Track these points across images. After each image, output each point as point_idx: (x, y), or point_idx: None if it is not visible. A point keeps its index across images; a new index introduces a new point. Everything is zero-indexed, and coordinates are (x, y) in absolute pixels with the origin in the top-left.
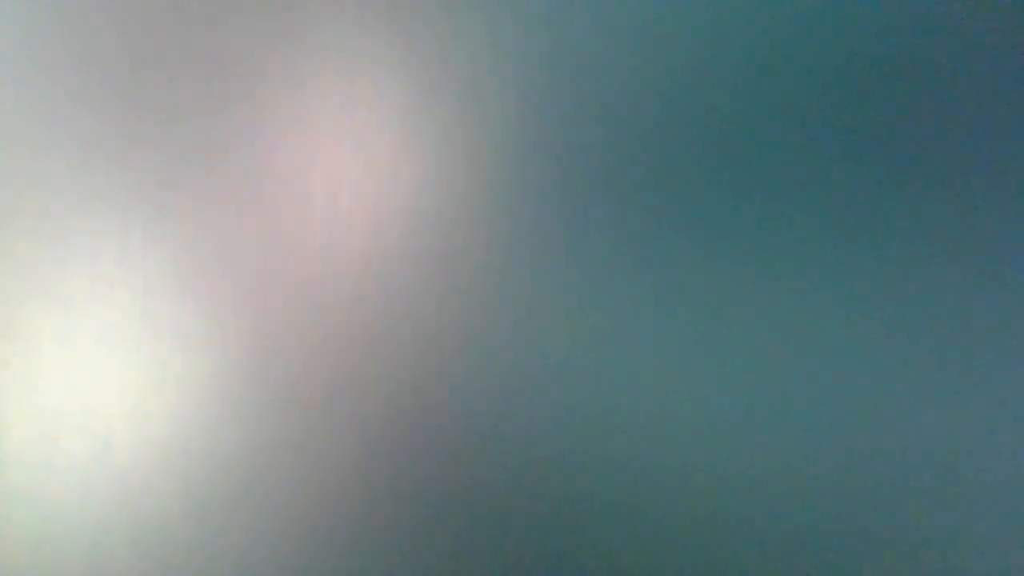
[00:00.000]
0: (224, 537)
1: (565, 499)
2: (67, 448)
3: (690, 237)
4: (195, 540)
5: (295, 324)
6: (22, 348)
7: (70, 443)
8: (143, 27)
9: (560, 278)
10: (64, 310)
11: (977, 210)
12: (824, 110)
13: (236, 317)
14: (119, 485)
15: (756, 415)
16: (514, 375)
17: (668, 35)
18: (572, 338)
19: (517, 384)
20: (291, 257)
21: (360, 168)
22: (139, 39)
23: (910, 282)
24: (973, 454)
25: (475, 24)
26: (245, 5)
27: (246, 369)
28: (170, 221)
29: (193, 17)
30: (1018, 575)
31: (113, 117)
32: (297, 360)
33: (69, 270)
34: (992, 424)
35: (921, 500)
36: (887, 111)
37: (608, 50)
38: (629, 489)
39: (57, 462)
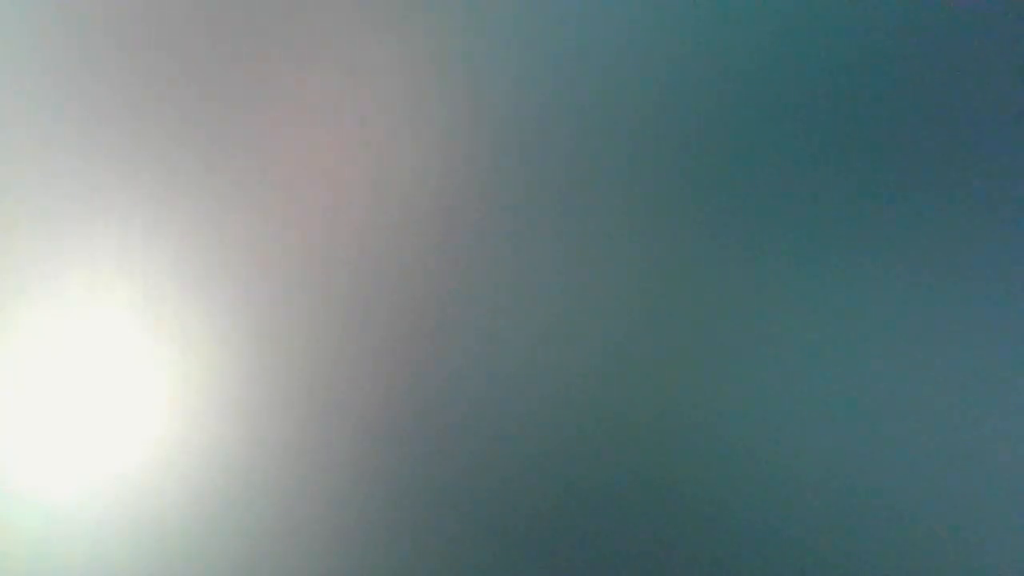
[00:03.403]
0: (224, 537)
1: (567, 497)
2: (67, 448)
3: (689, 233)
4: (195, 540)
5: (295, 323)
6: (22, 348)
7: (70, 443)
8: (142, 26)
9: (562, 275)
10: (64, 310)
11: (977, 210)
12: (823, 110)
13: (236, 317)
14: (119, 485)
15: (753, 415)
16: (516, 372)
17: (669, 33)
18: (573, 335)
19: (519, 381)
20: (291, 256)
21: (360, 166)
22: (138, 38)
23: (910, 282)
24: (973, 454)
25: (476, 18)
26: (245, 3)
27: (246, 369)
28: (170, 221)
29: (192, 15)
30: (1018, 575)
31: (113, 117)
32: (297, 359)
33: (69, 270)
34: (992, 424)
35: (921, 500)
36: (887, 111)
37: (610, 45)
38: (628, 487)
39: (57, 462)
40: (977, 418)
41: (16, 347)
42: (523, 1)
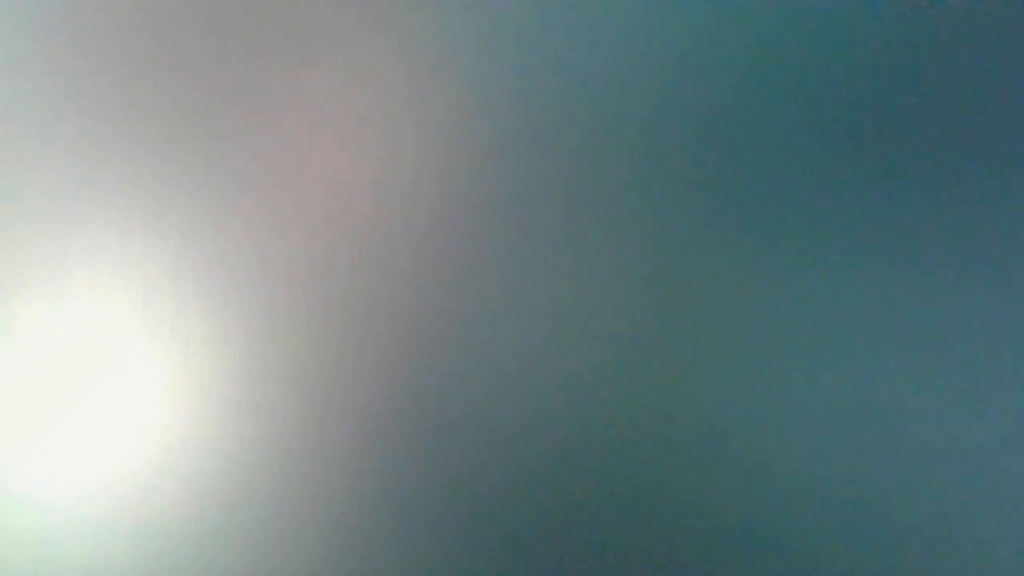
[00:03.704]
0: (224, 536)
1: (567, 497)
2: (67, 448)
3: (691, 234)
4: (195, 539)
5: (295, 323)
6: (22, 348)
7: (70, 443)
8: (142, 25)
9: (564, 275)
10: (64, 310)
11: (977, 210)
12: (824, 110)
13: (236, 316)
14: (119, 485)
15: (754, 415)
16: (517, 372)
17: (670, 32)
18: (575, 335)
19: (521, 381)
20: (291, 255)
21: (361, 166)
22: (139, 38)
23: (911, 281)
24: (973, 454)
25: (476, 17)
26: (245, 3)
27: (246, 369)
28: (170, 221)
29: (191, 14)
30: (1018, 575)
31: (113, 116)
32: (297, 359)
33: (69, 270)
34: (992, 424)
35: (921, 500)
36: (888, 110)
37: (611, 44)
38: (629, 487)
39: (57, 462)
40: (977, 418)
41: (16, 347)
42: (524, 1)
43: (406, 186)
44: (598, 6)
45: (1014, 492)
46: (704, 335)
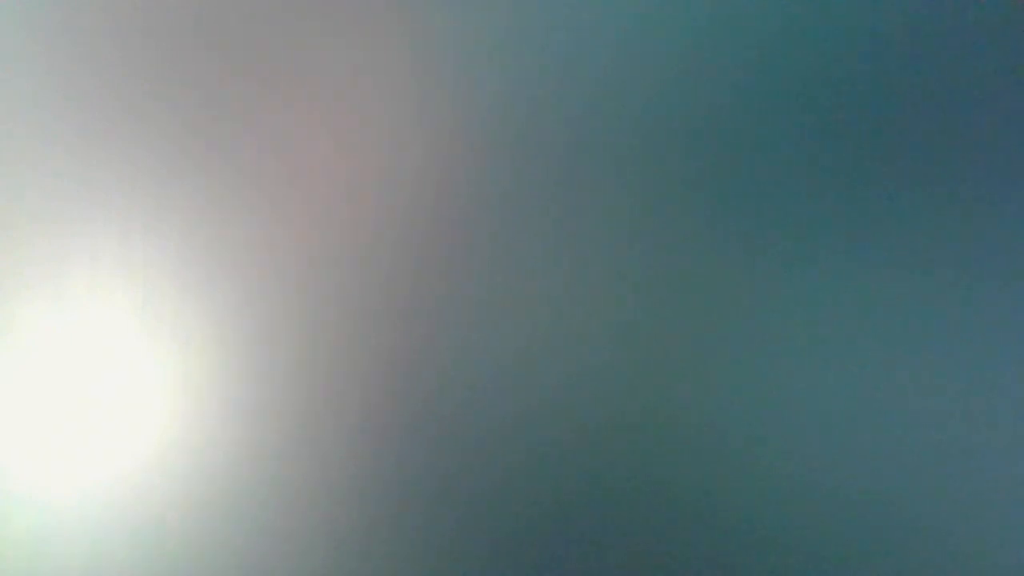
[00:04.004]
0: (223, 537)
1: (565, 497)
2: (67, 448)
3: (687, 233)
4: (195, 540)
5: (294, 323)
6: (22, 348)
7: (70, 443)
8: (142, 26)
9: (562, 275)
10: (64, 310)
11: (977, 210)
12: (822, 108)
13: (236, 316)
14: (119, 485)
15: (751, 415)
16: (516, 372)
17: (667, 32)
18: (571, 336)
19: (519, 381)
20: (291, 256)
21: (360, 166)
22: (138, 38)
23: (910, 281)
24: (973, 454)
25: (476, 17)
26: (245, 3)
27: (246, 369)
28: (170, 221)
29: (192, 14)
30: (1018, 575)
31: (113, 116)
32: (297, 359)
33: (69, 270)
34: (992, 424)
35: (920, 500)
36: (887, 110)
37: (610, 44)
38: (626, 486)
39: (57, 462)
40: (977, 418)
41: (16, 347)
42: (524, 1)
43: (406, 187)
44: (599, 6)
45: (1014, 492)
46: (701, 335)
